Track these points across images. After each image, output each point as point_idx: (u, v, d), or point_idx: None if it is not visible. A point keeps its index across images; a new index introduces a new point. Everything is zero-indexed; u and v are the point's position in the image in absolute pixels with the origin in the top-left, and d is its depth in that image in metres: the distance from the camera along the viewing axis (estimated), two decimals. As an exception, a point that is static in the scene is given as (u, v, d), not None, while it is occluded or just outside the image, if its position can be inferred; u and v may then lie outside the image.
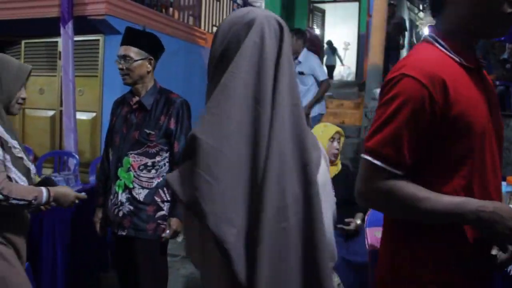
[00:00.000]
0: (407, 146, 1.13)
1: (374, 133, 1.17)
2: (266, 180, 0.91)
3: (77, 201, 2.00)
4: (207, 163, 0.90)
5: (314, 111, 4.75)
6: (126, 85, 2.34)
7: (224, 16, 7.29)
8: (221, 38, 1.03)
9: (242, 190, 0.92)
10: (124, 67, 2.28)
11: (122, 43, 2.32)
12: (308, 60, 4.69)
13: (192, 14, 6.37)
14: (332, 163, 2.91)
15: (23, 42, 5.16)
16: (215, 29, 6.89)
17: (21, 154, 1.83)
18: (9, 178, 1.74)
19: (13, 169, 1.77)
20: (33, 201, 1.75)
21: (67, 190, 1.96)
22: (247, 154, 0.93)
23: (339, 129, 2.96)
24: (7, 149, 1.76)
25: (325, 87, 4.75)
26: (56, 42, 4.81)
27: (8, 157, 1.76)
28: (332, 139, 2.88)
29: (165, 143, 2.32)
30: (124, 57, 2.27)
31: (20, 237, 1.85)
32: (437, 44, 1.22)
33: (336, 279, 2.31)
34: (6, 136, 1.77)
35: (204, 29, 6.58)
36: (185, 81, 5.59)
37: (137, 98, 2.35)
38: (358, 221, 2.79)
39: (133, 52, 2.27)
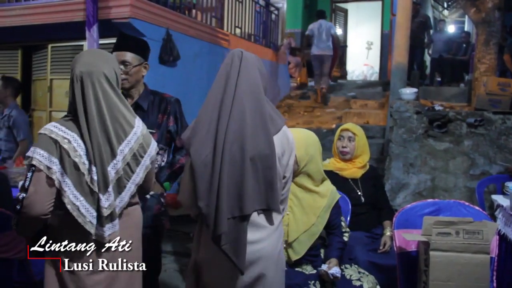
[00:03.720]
0: None
1: None
2: (227, 134, 1.59)
3: None
4: (192, 124, 1.73)
5: None
6: (123, 89, 2.33)
7: (247, 17, 7.29)
8: None
9: (210, 137, 1.62)
10: (123, 73, 2.30)
11: (118, 49, 2.37)
12: None
13: (214, 15, 6.40)
14: (345, 160, 2.88)
15: (49, 46, 5.26)
16: (237, 30, 6.91)
17: None
18: None
19: None
20: None
21: None
22: (214, 119, 1.63)
23: (347, 126, 2.91)
24: None
25: None
26: (82, 45, 4.88)
27: None
28: (341, 137, 2.88)
29: (165, 143, 2.41)
30: (123, 63, 2.31)
31: None
32: None
33: (371, 278, 2.25)
34: None
35: (227, 31, 6.59)
36: (209, 82, 5.60)
37: (130, 101, 2.37)
38: (388, 233, 2.72)
39: (130, 57, 2.34)
